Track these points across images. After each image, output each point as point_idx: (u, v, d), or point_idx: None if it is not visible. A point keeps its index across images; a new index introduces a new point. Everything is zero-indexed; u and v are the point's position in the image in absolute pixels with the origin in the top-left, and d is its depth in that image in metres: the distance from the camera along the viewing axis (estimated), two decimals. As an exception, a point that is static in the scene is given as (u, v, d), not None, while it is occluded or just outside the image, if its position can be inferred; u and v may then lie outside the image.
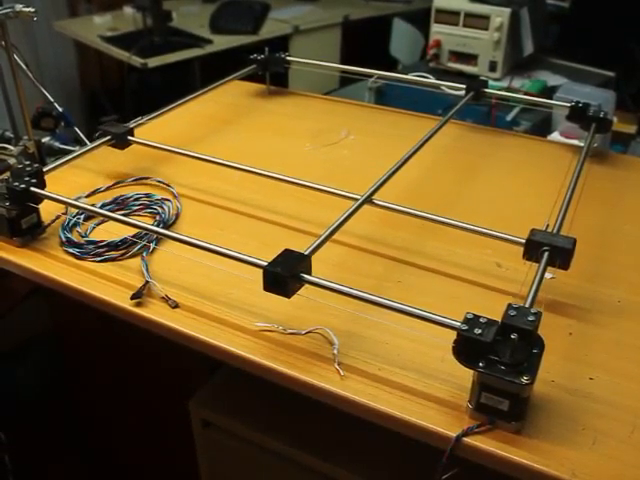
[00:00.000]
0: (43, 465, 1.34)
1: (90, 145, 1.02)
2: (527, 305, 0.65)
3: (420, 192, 1.03)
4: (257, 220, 0.94)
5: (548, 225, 0.80)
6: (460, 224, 0.84)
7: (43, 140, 1.23)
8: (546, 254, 0.76)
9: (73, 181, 1.02)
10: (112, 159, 1.08)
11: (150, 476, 1.28)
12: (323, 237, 0.75)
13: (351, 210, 0.82)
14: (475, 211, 0.98)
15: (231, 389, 0.93)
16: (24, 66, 1.16)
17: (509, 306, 0.62)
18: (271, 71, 1.38)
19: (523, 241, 0.78)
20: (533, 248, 0.76)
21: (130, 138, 1.05)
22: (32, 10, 1.03)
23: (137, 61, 2.52)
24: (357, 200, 0.85)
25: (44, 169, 0.90)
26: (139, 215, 0.95)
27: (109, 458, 1.35)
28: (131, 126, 1.06)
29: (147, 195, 0.98)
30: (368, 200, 0.86)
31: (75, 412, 1.32)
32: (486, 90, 1.25)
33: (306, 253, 0.70)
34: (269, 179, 0.97)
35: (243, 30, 2.80)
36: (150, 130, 1.11)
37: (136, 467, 1.30)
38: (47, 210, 0.89)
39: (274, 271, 0.66)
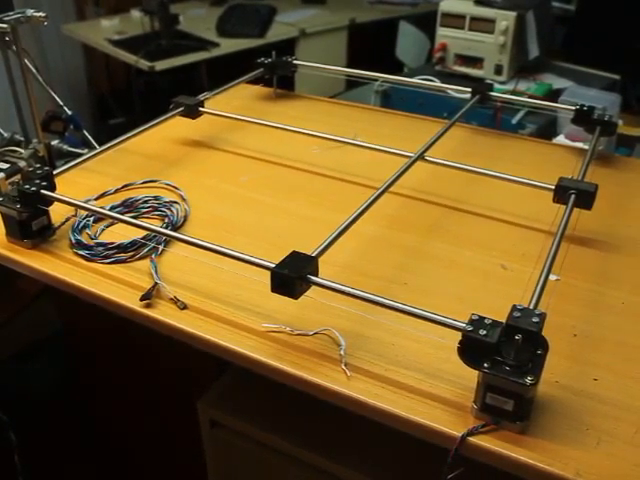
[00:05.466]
0: (51, 465, 1.35)
1: (164, 116, 1.13)
2: (531, 307, 0.66)
3: (426, 194, 1.04)
4: (265, 222, 0.95)
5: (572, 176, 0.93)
6: (501, 175, 0.99)
7: (53, 143, 1.24)
8: (572, 196, 0.89)
9: (83, 183, 1.03)
10: (120, 161, 1.09)
11: (158, 475, 1.29)
12: (331, 239, 0.76)
13: (359, 212, 0.83)
14: (482, 212, 0.98)
15: (239, 389, 0.94)
16: (34, 70, 1.17)
17: (514, 307, 0.63)
18: (278, 75, 1.39)
19: (552, 187, 0.91)
20: (562, 192, 0.91)
21: (201, 109, 1.18)
22: (43, 15, 1.05)
23: (144, 64, 2.53)
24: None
25: (54, 172, 0.91)
26: (148, 217, 0.96)
27: (117, 457, 1.36)
28: (201, 99, 1.19)
29: (155, 197, 0.99)
30: (375, 201, 0.87)
31: (83, 412, 1.33)
32: (491, 93, 1.26)
33: (313, 255, 0.71)
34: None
35: (250, 33, 2.81)
36: (156, 134, 1.12)
37: (144, 466, 1.31)
38: (57, 212, 0.90)
39: (282, 273, 0.67)
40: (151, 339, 0.84)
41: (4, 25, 1.04)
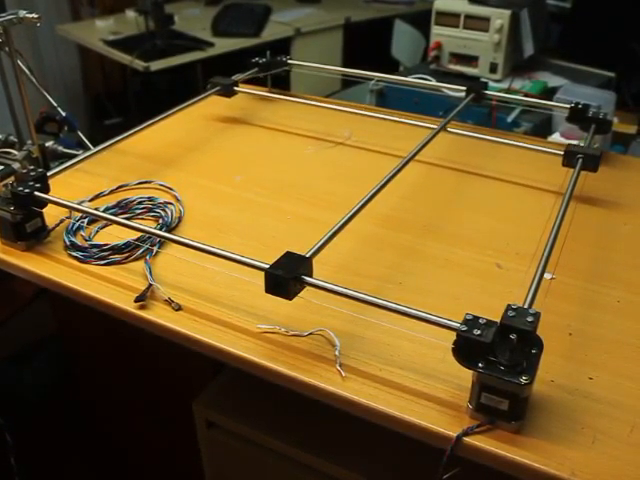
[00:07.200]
0: (50, 466, 1.35)
1: (201, 95, 1.23)
2: (526, 306, 0.66)
3: (421, 193, 1.04)
4: (259, 222, 0.95)
5: (579, 143, 1.05)
6: (512, 142, 1.13)
7: (47, 144, 1.23)
8: (580, 160, 0.99)
9: (77, 185, 1.02)
10: (115, 162, 1.09)
11: (157, 475, 1.28)
12: (325, 239, 0.76)
13: (353, 211, 0.83)
14: (476, 211, 0.98)
15: (235, 390, 0.94)
16: (28, 71, 1.17)
17: (508, 307, 0.62)
18: (273, 74, 1.39)
19: (561, 153, 1.02)
20: (570, 156, 1.01)
21: (236, 88, 1.29)
22: (36, 16, 1.04)
23: (140, 64, 2.52)
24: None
25: (48, 173, 0.91)
26: (142, 218, 0.96)
27: (113, 458, 1.35)
28: (235, 79, 1.30)
29: (150, 198, 0.98)
30: (370, 201, 0.87)
31: (80, 413, 1.32)
32: (486, 92, 1.26)
33: (307, 255, 0.71)
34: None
35: (245, 33, 2.80)
36: (151, 135, 1.12)
37: (140, 467, 1.31)
38: (51, 214, 0.90)
39: (276, 273, 0.67)
40: (147, 340, 0.84)
41: (-4, 26, 1.03)
